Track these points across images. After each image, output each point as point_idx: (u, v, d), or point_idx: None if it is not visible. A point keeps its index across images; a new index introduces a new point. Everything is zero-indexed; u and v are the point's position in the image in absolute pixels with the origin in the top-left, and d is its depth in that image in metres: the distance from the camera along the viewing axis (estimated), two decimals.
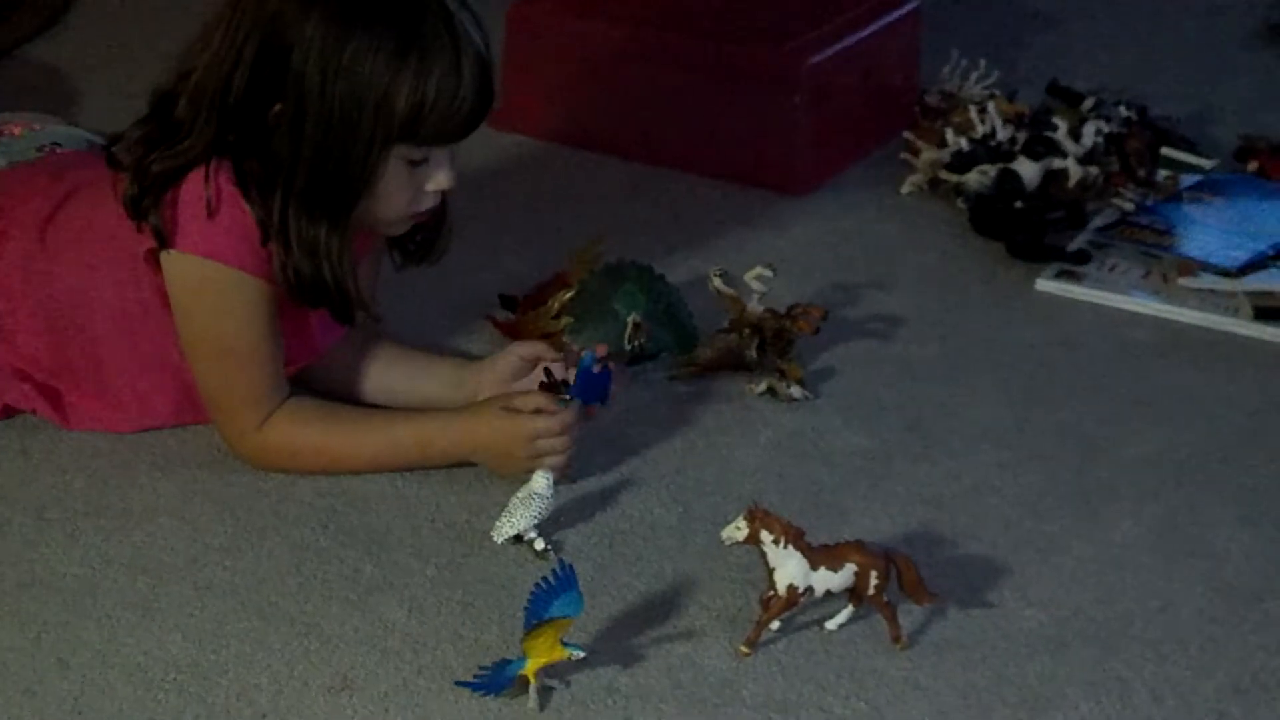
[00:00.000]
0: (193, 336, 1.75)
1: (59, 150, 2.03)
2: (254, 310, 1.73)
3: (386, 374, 1.87)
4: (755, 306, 1.98)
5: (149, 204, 1.71)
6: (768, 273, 1.98)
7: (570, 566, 1.49)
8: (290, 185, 1.69)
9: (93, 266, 1.80)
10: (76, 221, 1.81)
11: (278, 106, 1.68)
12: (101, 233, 1.78)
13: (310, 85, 1.66)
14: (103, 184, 1.79)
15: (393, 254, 1.86)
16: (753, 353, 1.96)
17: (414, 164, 1.72)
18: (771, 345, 1.96)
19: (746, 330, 1.97)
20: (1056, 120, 2.41)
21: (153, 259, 1.75)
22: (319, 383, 1.85)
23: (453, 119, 1.70)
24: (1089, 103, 2.54)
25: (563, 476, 1.74)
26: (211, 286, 1.72)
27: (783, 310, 1.97)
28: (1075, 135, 2.39)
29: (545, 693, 1.50)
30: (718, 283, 1.99)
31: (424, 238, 1.84)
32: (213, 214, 1.69)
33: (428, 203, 1.76)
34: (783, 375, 1.94)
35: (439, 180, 1.74)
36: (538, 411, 1.74)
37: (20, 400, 1.84)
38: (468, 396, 1.84)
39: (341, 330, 1.84)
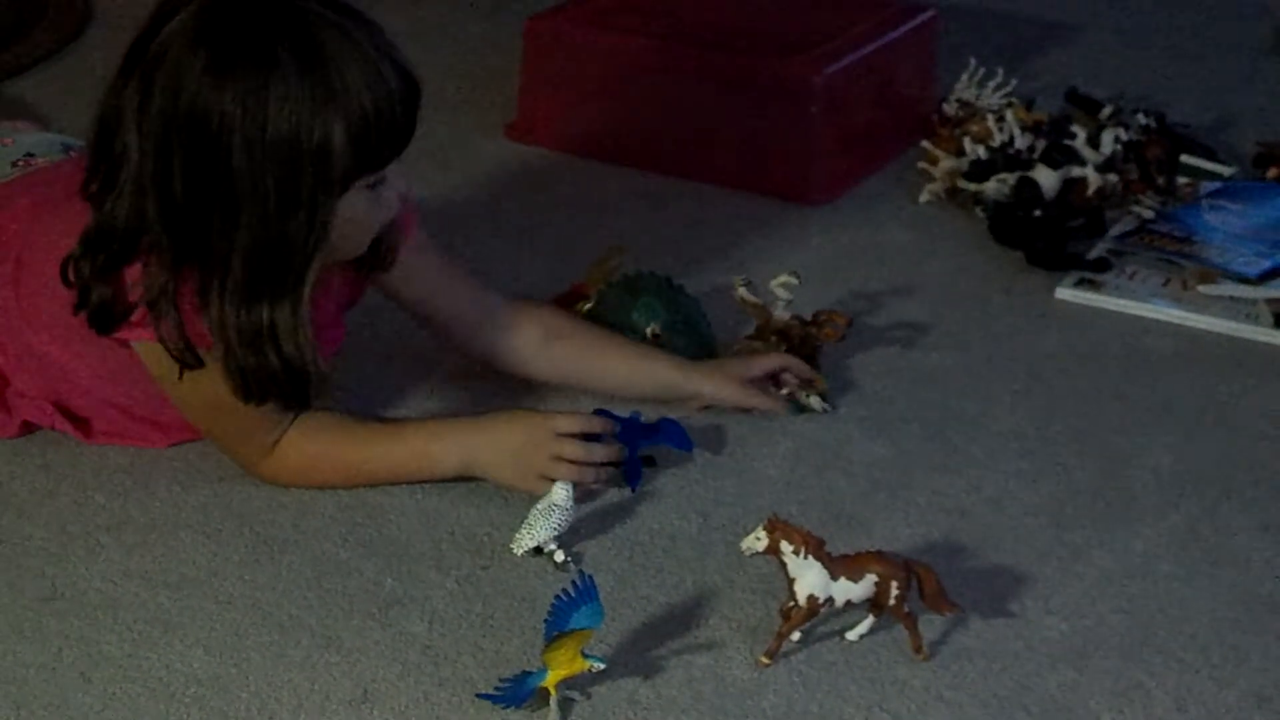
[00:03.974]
0: (179, 400, 1.74)
1: (33, 162, 1.96)
2: None
3: (610, 368, 1.88)
4: (781, 314, 1.98)
5: (118, 319, 1.65)
6: (793, 280, 1.99)
7: (590, 578, 1.49)
8: (225, 280, 1.59)
9: (66, 328, 1.72)
10: (45, 277, 1.71)
11: (216, 200, 1.56)
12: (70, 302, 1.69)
13: (239, 168, 1.54)
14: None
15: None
16: None
17: (373, 187, 1.64)
18: (798, 352, 1.97)
19: (772, 338, 1.97)
20: (1075, 128, 2.41)
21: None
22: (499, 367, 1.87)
23: (395, 130, 1.61)
24: (1107, 110, 2.53)
25: (583, 491, 1.74)
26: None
27: (808, 318, 1.98)
28: (1094, 143, 2.38)
29: (566, 705, 1.50)
30: (743, 291, 1.99)
31: (378, 244, 1.75)
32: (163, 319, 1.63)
33: (390, 212, 1.70)
34: (809, 384, 1.95)
35: (397, 186, 1.67)
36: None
37: (39, 417, 1.85)
38: (689, 393, 1.87)
39: (330, 342, 1.82)
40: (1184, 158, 2.47)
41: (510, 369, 1.90)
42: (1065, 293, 2.20)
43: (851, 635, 1.59)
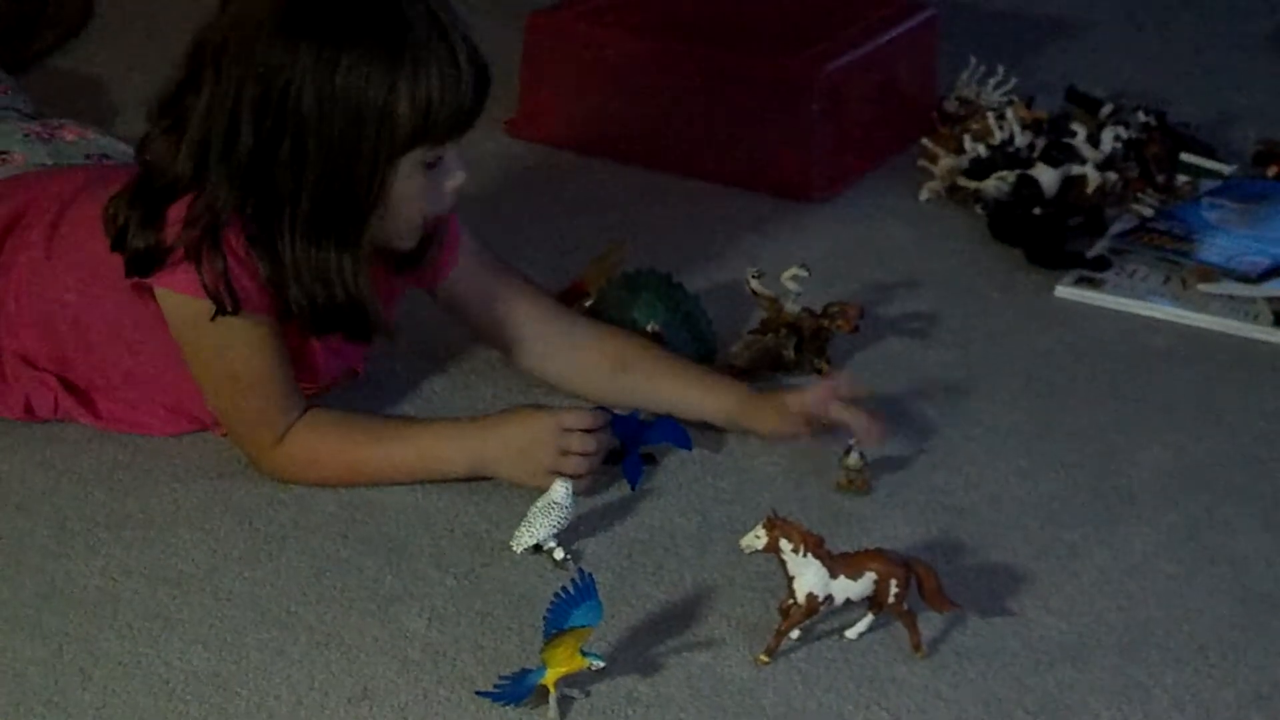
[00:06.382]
0: (198, 366, 1.76)
1: (107, 162, 2.03)
2: (257, 342, 1.73)
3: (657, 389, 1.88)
4: (792, 306, 1.99)
5: (157, 261, 1.70)
6: (803, 272, 1.99)
7: (590, 576, 1.50)
8: (295, 216, 1.68)
9: (89, 283, 1.79)
10: (82, 235, 1.80)
11: (285, 144, 1.66)
12: (97, 253, 1.76)
13: (309, 114, 1.65)
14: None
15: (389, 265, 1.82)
16: (790, 352, 1.98)
17: (430, 166, 1.71)
18: (809, 344, 1.97)
19: (783, 330, 1.98)
20: (1075, 126, 2.41)
21: (144, 288, 1.74)
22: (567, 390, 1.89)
23: (461, 111, 1.69)
24: (1107, 109, 2.53)
25: (584, 489, 1.74)
26: (211, 323, 1.71)
27: (818, 310, 1.98)
28: (1094, 141, 2.38)
29: (565, 702, 1.50)
30: (755, 283, 2.00)
31: (423, 243, 1.81)
32: (206, 258, 1.68)
33: (445, 204, 1.76)
34: (819, 374, 1.96)
35: (456, 177, 1.74)
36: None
37: (42, 395, 1.84)
38: (744, 422, 1.85)
39: (350, 360, 1.84)
40: (1184, 156, 2.47)
41: (573, 393, 1.89)
42: (1065, 291, 2.20)
43: (851, 633, 1.59)
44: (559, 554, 1.68)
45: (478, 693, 1.51)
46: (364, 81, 1.65)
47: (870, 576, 1.56)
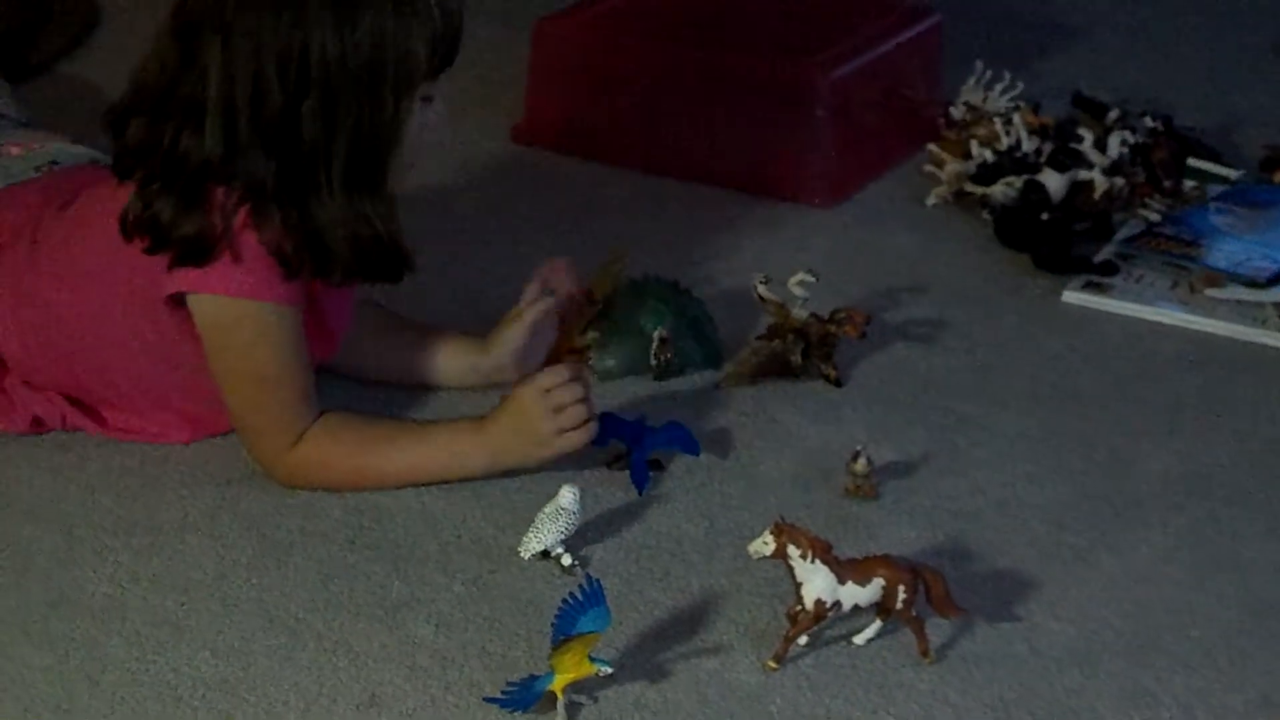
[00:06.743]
0: (226, 369, 1.75)
1: (56, 167, 2.01)
2: (286, 335, 1.73)
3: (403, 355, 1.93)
4: (799, 312, 1.99)
5: (210, 247, 1.69)
6: (810, 278, 1.99)
7: (597, 582, 1.50)
8: (331, 168, 1.68)
9: (91, 294, 1.78)
10: (70, 246, 1.79)
11: (306, 103, 1.66)
12: (101, 263, 1.76)
13: (334, 67, 1.65)
14: (99, 209, 1.76)
15: None
16: (797, 358, 1.98)
17: (426, 101, 1.73)
18: (816, 350, 1.98)
19: (790, 336, 1.98)
20: (1082, 131, 2.41)
21: (172, 300, 1.73)
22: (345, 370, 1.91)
23: (458, 36, 1.72)
24: (1114, 114, 2.53)
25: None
26: (245, 322, 1.71)
27: (825, 315, 1.98)
28: (1101, 146, 2.38)
29: (573, 709, 1.50)
30: (762, 289, 2.00)
31: None
32: (238, 253, 1.69)
33: (435, 138, 1.77)
34: (827, 379, 1.96)
35: (439, 109, 1.75)
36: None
37: (48, 412, 1.84)
38: (485, 376, 1.91)
39: (348, 318, 1.85)
40: (1191, 161, 2.47)
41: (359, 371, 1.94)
42: (1072, 296, 2.20)
43: (859, 639, 1.59)
44: (567, 560, 1.68)
45: (485, 699, 1.51)
46: (381, 24, 1.66)
47: (878, 582, 1.55)
